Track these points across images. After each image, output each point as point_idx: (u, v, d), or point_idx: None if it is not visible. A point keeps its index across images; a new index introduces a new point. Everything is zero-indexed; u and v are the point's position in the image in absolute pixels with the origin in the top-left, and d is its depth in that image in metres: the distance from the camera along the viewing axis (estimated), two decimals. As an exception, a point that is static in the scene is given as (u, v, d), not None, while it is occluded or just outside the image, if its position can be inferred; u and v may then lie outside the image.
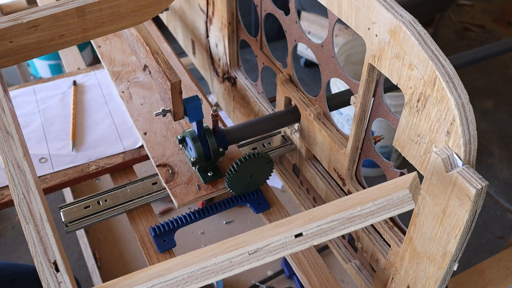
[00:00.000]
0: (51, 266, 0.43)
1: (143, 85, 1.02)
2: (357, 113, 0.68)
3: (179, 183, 0.82)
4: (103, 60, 1.09)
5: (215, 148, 0.80)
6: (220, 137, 0.81)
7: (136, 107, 0.96)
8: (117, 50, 1.12)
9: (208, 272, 0.42)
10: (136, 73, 1.05)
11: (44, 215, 0.46)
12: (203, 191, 0.81)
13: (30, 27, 0.69)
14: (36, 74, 2.82)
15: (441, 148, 0.51)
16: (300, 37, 0.78)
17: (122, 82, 1.03)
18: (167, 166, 0.85)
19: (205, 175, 0.82)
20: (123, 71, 1.06)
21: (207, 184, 0.82)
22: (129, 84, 1.02)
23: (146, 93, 1.00)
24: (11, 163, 0.51)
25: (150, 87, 1.02)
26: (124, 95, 1.00)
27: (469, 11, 3.31)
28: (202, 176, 0.82)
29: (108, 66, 1.07)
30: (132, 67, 1.07)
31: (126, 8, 0.73)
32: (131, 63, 1.08)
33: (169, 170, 0.84)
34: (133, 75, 1.05)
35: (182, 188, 0.81)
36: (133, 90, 1.01)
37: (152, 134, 0.91)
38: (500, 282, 0.75)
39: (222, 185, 0.82)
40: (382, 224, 0.70)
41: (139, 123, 0.93)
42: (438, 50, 0.51)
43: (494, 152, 2.39)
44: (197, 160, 0.80)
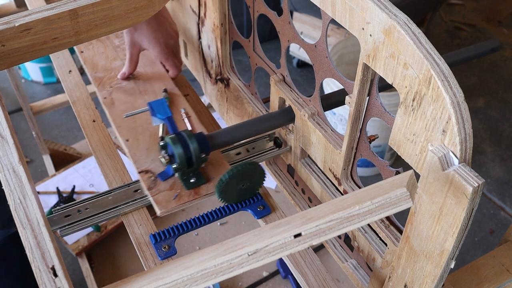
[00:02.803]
0: (49, 271, 0.42)
1: (126, 90, 1.01)
2: (352, 112, 0.68)
3: (162, 189, 0.80)
4: (86, 65, 1.07)
5: (198, 154, 0.78)
6: (203, 143, 0.79)
7: (118, 113, 0.94)
8: (99, 55, 1.10)
9: (207, 274, 0.42)
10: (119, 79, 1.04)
11: (41, 219, 0.46)
12: (185, 198, 0.79)
13: (22, 31, 0.68)
14: (27, 77, 2.80)
15: (437, 146, 0.52)
16: (294, 38, 0.78)
17: (104, 88, 1.01)
18: (150, 172, 0.83)
19: (187, 181, 0.81)
20: (105, 77, 1.04)
21: (189, 190, 0.81)
22: (111, 89, 1.00)
23: (129, 99, 0.98)
24: (7, 168, 0.50)
25: (133, 93, 1.00)
26: (106, 101, 0.98)
27: (460, 10, 3.33)
28: (184, 182, 0.81)
29: (90, 72, 1.05)
30: (115, 72, 1.05)
31: (119, 10, 0.73)
32: (114, 68, 1.06)
33: (151, 176, 0.82)
34: (116, 80, 1.03)
35: (165, 195, 0.80)
36: (116, 96, 0.99)
37: (135, 140, 0.89)
38: (495, 279, 0.76)
39: (205, 191, 0.81)
40: (378, 223, 0.71)
41: (121, 130, 0.91)
42: (432, 49, 0.51)
43: (486, 150, 2.40)
44: (179, 167, 0.78)
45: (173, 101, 0.98)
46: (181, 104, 0.98)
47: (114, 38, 1.14)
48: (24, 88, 2.44)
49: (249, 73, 0.96)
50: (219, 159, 0.86)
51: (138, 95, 1.00)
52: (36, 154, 2.31)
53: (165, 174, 0.82)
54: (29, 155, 2.34)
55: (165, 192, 0.80)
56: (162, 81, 1.03)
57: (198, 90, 1.16)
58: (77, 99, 1.03)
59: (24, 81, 2.80)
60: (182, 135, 0.78)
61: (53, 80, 2.76)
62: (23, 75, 2.82)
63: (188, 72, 1.28)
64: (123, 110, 0.96)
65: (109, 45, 1.13)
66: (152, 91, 1.01)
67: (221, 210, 0.82)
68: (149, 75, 1.05)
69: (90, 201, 0.81)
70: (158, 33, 1.02)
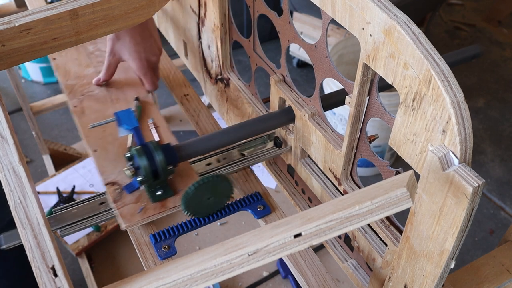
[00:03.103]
0: (49, 271, 0.42)
1: (97, 98, 0.98)
2: (352, 113, 0.68)
3: (127, 202, 0.78)
4: (58, 72, 1.04)
5: (164, 166, 0.75)
6: (170, 154, 0.76)
7: (88, 123, 0.91)
8: (72, 62, 1.07)
9: (207, 274, 0.42)
10: (91, 86, 1.01)
11: (41, 219, 0.46)
12: (151, 211, 0.77)
13: (22, 31, 0.68)
14: (27, 77, 2.80)
15: (437, 146, 0.52)
16: (294, 38, 0.79)
17: (75, 96, 0.98)
18: (116, 184, 0.81)
19: (154, 194, 0.78)
20: (77, 84, 1.01)
21: (156, 203, 0.78)
22: (82, 97, 0.98)
23: (100, 107, 0.96)
24: (7, 168, 0.50)
25: (105, 101, 0.97)
26: (76, 110, 0.95)
27: (459, 10, 3.33)
28: (151, 195, 0.78)
29: (62, 79, 1.02)
30: (88, 79, 1.02)
31: (119, 10, 0.73)
32: (86, 75, 1.03)
33: (118, 189, 0.80)
34: (87, 88, 1.00)
35: (130, 208, 0.77)
36: (87, 104, 0.96)
37: (103, 151, 0.87)
38: (495, 279, 0.76)
39: (171, 204, 0.78)
40: (378, 223, 0.71)
41: (89, 139, 0.89)
42: (433, 49, 0.51)
43: (486, 150, 2.40)
44: (144, 179, 0.75)
45: (145, 109, 0.96)
46: (153, 113, 0.96)
47: (88, 44, 1.12)
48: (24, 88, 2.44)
49: (249, 73, 0.95)
50: (188, 171, 0.83)
51: (110, 104, 0.97)
52: (36, 154, 2.31)
53: (132, 186, 0.80)
54: (29, 155, 2.34)
55: (131, 205, 0.78)
56: (135, 89, 1.01)
57: (198, 90, 1.16)
58: (77, 99, 1.03)
59: (24, 81, 2.80)
60: (148, 146, 0.76)
61: (53, 80, 2.76)
62: (23, 75, 2.82)
63: (188, 72, 1.28)
64: (93, 119, 0.93)
65: (83, 51, 1.10)
66: (124, 99, 0.99)
67: (221, 210, 0.82)
68: (122, 82, 1.03)
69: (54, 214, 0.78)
70: (140, 47, 1.01)
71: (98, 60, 1.08)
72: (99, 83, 1.03)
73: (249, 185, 0.89)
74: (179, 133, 2.32)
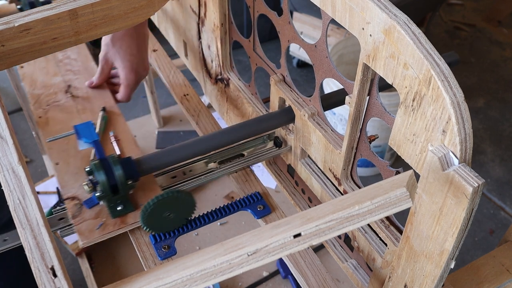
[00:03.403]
0: (48, 272, 0.42)
1: (63, 108, 0.96)
2: (352, 113, 0.68)
3: (86, 218, 0.76)
4: (24, 82, 1.02)
5: (123, 181, 0.73)
6: (129, 168, 0.74)
7: (52, 134, 0.88)
8: (40, 70, 1.04)
9: (207, 275, 0.42)
10: (57, 96, 0.98)
11: (40, 220, 0.46)
12: (110, 227, 0.75)
13: (22, 31, 0.68)
14: (27, 78, 2.80)
15: (437, 146, 0.52)
16: (294, 38, 0.78)
17: (40, 106, 0.96)
18: (76, 199, 0.79)
19: (114, 209, 0.76)
20: (43, 94, 0.99)
21: (115, 219, 0.76)
22: (48, 107, 0.95)
23: (65, 118, 0.93)
24: (6, 168, 0.50)
25: (71, 111, 0.95)
26: (40, 121, 0.92)
27: (459, 10, 3.33)
28: (110, 210, 0.76)
29: (28, 89, 1.00)
30: (54, 89, 1.00)
31: (119, 10, 0.73)
32: (53, 84, 1.01)
33: (78, 204, 0.78)
34: (54, 97, 0.98)
35: (89, 224, 0.75)
36: (51, 115, 0.94)
37: (65, 164, 0.84)
38: (495, 279, 0.76)
39: (132, 220, 0.76)
40: (378, 223, 0.71)
41: (52, 152, 0.86)
42: (432, 49, 0.51)
43: (486, 150, 2.40)
44: (102, 195, 0.73)
45: (111, 120, 0.94)
46: (119, 124, 0.94)
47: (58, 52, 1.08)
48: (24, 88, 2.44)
49: (249, 73, 0.95)
50: (151, 184, 0.81)
51: (76, 114, 0.95)
52: (36, 154, 2.31)
53: (92, 201, 0.78)
54: (29, 155, 2.34)
55: (90, 221, 0.76)
56: (102, 99, 0.99)
57: (198, 90, 1.16)
58: (77, 99, 1.02)
59: (24, 81, 2.80)
60: (107, 160, 0.73)
61: (53, 80, 2.76)
62: (23, 75, 2.82)
63: (188, 72, 1.28)
64: (57, 130, 0.91)
65: (52, 59, 1.08)
66: (90, 109, 0.97)
67: (221, 210, 0.82)
68: (89, 92, 1.01)
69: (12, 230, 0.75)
70: (134, 58, 1.01)
71: (67, 69, 1.06)
72: (92, 86, 1.02)
73: (249, 185, 0.89)
74: (179, 133, 2.32)
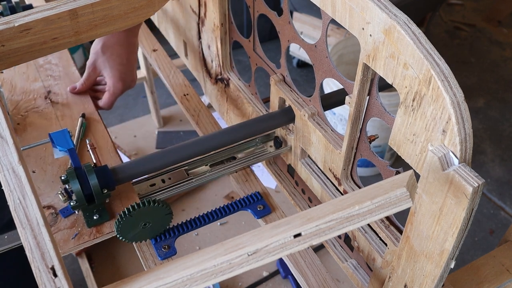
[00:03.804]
0: (49, 272, 0.42)
1: (42, 114, 0.95)
2: (352, 112, 0.68)
3: (62, 227, 0.75)
4: (3, 88, 1.01)
5: (98, 190, 0.71)
6: (105, 177, 0.73)
7: (30, 141, 0.88)
8: (20, 76, 1.04)
9: (207, 274, 0.42)
10: (36, 102, 0.98)
11: (40, 220, 0.46)
12: (86, 237, 0.74)
13: (22, 31, 0.68)
14: (27, 78, 2.80)
15: (437, 146, 0.52)
16: (294, 38, 0.78)
17: (19, 113, 0.95)
18: (52, 208, 0.78)
19: (90, 218, 0.75)
20: (22, 100, 0.98)
21: (91, 228, 0.75)
22: (26, 114, 0.95)
23: (44, 124, 0.93)
24: (6, 168, 0.50)
25: (50, 117, 0.94)
26: (19, 128, 0.91)
27: (459, 11, 3.33)
28: (86, 219, 0.75)
29: (7, 95, 1.00)
30: (34, 95, 0.99)
31: (119, 10, 0.73)
32: (33, 90, 1.00)
33: (53, 212, 0.77)
34: (33, 103, 0.97)
35: (64, 233, 0.74)
36: (30, 121, 0.93)
37: (42, 171, 0.84)
38: (495, 279, 0.76)
39: (108, 229, 0.76)
40: (378, 223, 0.71)
41: (29, 159, 0.85)
42: (433, 49, 0.51)
43: (486, 150, 2.40)
44: (77, 204, 0.72)
45: (90, 127, 0.94)
46: (98, 131, 0.93)
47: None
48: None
49: (249, 73, 0.95)
50: (128, 193, 0.80)
51: (54, 120, 0.95)
52: (36, 154, 2.31)
53: (67, 210, 0.77)
54: (29, 155, 2.34)
55: (65, 231, 0.75)
56: (81, 105, 0.98)
57: (198, 90, 1.16)
58: (77, 99, 1.02)
59: (24, 81, 2.80)
60: (82, 169, 0.72)
61: (53, 80, 2.76)
62: (23, 75, 2.82)
63: (188, 72, 1.28)
64: (35, 137, 0.90)
65: (32, 64, 1.07)
66: (70, 115, 0.96)
67: (221, 210, 0.82)
68: (69, 98, 1.00)
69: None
70: (124, 68, 1.01)
71: (47, 74, 1.05)
72: (74, 92, 1.01)
73: (249, 185, 0.90)
74: (179, 133, 2.32)
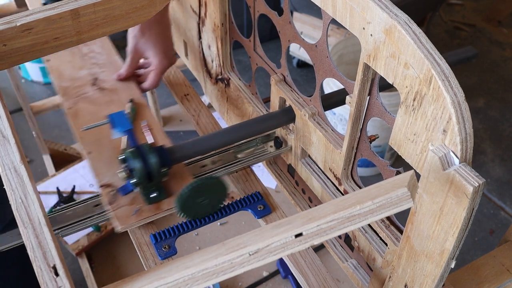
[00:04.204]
0: (50, 271, 0.42)
1: (91, 100, 0.98)
2: (352, 112, 0.68)
3: (122, 204, 0.78)
4: (52, 74, 1.04)
5: (157, 168, 0.75)
6: (163, 157, 0.76)
7: (82, 124, 0.91)
8: (66, 64, 1.07)
9: (208, 274, 0.42)
10: (85, 88, 1.01)
11: (42, 219, 0.46)
12: (146, 213, 0.77)
13: (23, 30, 0.68)
14: (27, 77, 2.80)
15: (438, 146, 0.52)
16: (294, 38, 0.79)
17: (69, 98, 0.98)
18: (111, 186, 0.81)
19: (148, 196, 0.79)
20: (71, 86, 1.01)
21: (150, 205, 0.78)
22: (77, 99, 0.98)
23: (94, 109, 0.96)
24: (8, 168, 0.50)
25: (99, 103, 0.98)
26: (70, 112, 0.95)
27: (459, 11, 3.33)
28: (145, 197, 0.79)
29: (56, 81, 1.03)
30: (81, 81, 1.02)
31: (120, 10, 0.73)
32: (80, 77, 1.04)
33: (113, 191, 0.80)
34: (81, 90, 1.01)
35: (125, 210, 0.78)
36: (81, 106, 0.97)
37: (97, 153, 0.87)
38: (495, 279, 0.76)
39: (166, 206, 0.79)
40: (378, 223, 0.71)
41: (85, 141, 0.89)
42: (433, 49, 0.51)
43: (486, 150, 2.40)
44: (138, 182, 0.76)
45: (139, 111, 0.97)
46: (147, 115, 0.96)
47: (83, 46, 1.12)
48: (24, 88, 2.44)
49: (250, 73, 0.96)
50: (183, 173, 0.83)
51: (104, 106, 0.98)
52: (36, 154, 2.31)
53: (126, 188, 0.80)
54: (29, 155, 2.34)
55: (125, 207, 0.78)
56: (128, 91, 1.01)
57: (198, 90, 1.16)
58: (78, 99, 1.03)
59: (24, 81, 2.80)
60: (142, 149, 0.76)
61: (53, 80, 2.76)
62: (23, 75, 2.82)
63: (188, 72, 1.28)
64: (87, 121, 0.93)
65: (77, 53, 1.10)
66: (118, 101, 0.99)
67: (221, 210, 0.82)
68: (116, 84, 1.03)
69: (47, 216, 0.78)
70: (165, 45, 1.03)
71: (92, 62, 1.08)
72: (120, 78, 1.03)
73: (249, 185, 0.90)
74: (179, 133, 2.32)
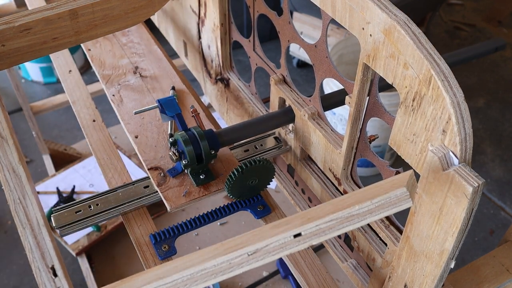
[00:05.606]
0: (49, 271, 0.42)
1: (134, 88, 1.02)
2: (352, 112, 0.68)
3: (171, 186, 0.81)
4: (93, 63, 1.08)
5: (207, 150, 0.79)
6: (212, 140, 0.80)
7: (127, 110, 0.96)
8: (107, 53, 1.11)
9: (207, 274, 0.42)
10: (126, 76, 1.04)
11: (40, 219, 0.46)
12: (195, 194, 0.80)
13: (22, 30, 0.68)
14: (27, 77, 2.80)
15: (437, 146, 0.52)
16: (294, 38, 0.78)
17: (112, 86, 1.02)
18: (159, 169, 0.84)
19: (197, 177, 0.82)
20: (113, 74, 1.05)
21: (199, 186, 0.81)
22: (119, 87, 1.02)
23: (137, 96, 1.00)
24: (6, 168, 0.50)
25: (141, 90, 1.01)
26: (114, 98, 0.99)
27: (459, 11, 3.33)
28: (194, 178, 0.82)
29: (98, 70, 1.07)
30: (123, 70, 1.06)
31: (119, 10, 0.73)
32: (121, 66, 1.08)
33: (161, 173, 0.83)
34: (123, 78, 1.04)
35: (174, 191, 0.81)
36: (124, 93, 1.00)
37: (144, 137, 0.90)
38: (495, 279, 0.76)
39: (214, 188, 0.81)
40: (378, 223, 0.71)
41: (130, 126, 0.93)
42: (433, 49, 0.51)
43: (486, 150, 2.40)
44: (189, 163, 0.79)
45: (181, 98, 1.00)
46: (189, 101, 0.99)
47: (121, 36, 1.16)
48: (24, 88, 2.44)
49: (249, 73, 0.96)
50: (228, 156, 0.87)
51: (146, 93, 1.01)
52: (36, 154, 2.31)
53: (175, 170, 0.83)
54: (29, 155, 2.34)
55: (175, 189, 0.81)
56: (169, 79, 1.05)
57: (198, 90, 1.17)
58: (77, 99, 1.03)
59: (24, 81, 2.80)
60: (192, 132, 0.79)
61: (53, 80, 2.76)
62: (23, 75, 2.82)
63: (188, 72, 1.28)
64: (131, 107, 0.97)
65: (116, 43, 1.14)
66: (160, 88, 1.03)
67: (221, 210, 0.82)
68: (156, 72, 1.06)
69: (100, 197, 0.81)
70: None
71: (132, 51, 1.11)
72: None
73: (249, 185, 0.89)
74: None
